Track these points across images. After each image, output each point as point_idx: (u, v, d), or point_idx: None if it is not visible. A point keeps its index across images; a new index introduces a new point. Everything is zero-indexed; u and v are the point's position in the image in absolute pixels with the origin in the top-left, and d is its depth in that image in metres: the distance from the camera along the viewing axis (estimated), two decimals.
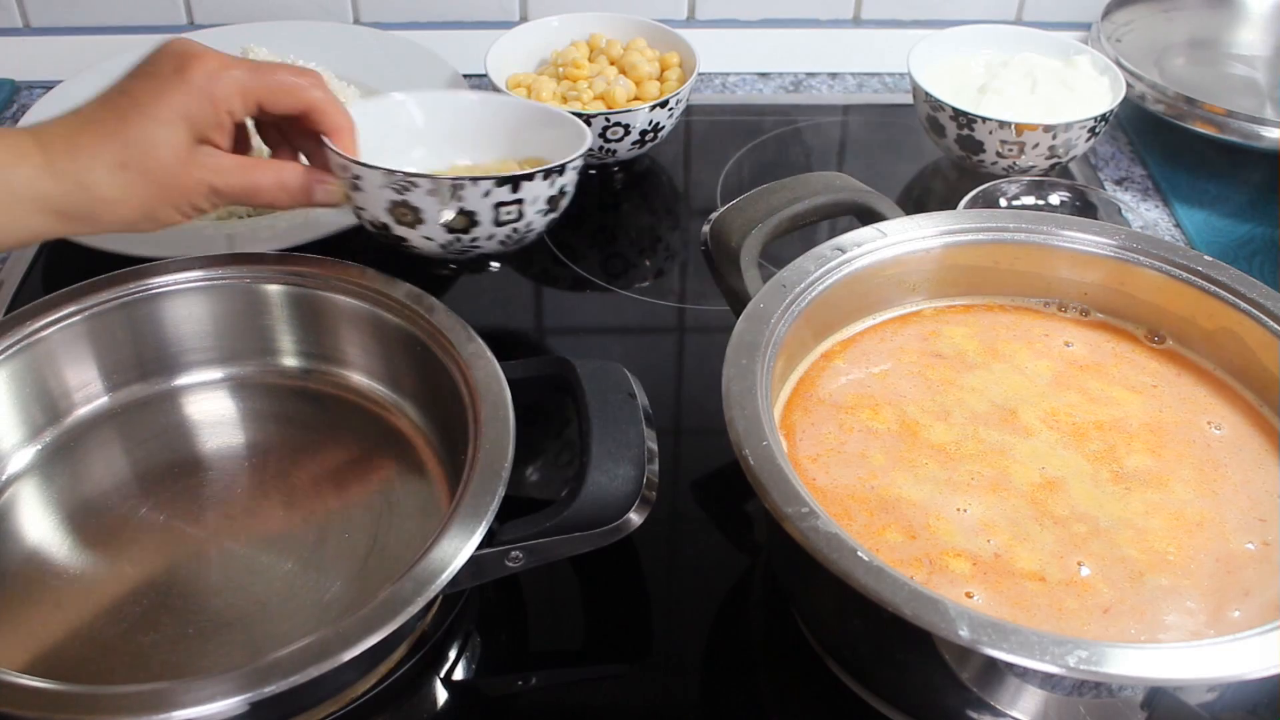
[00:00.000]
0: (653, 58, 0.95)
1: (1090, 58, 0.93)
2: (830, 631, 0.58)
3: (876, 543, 0.54)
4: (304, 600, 0.58)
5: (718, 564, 0.66)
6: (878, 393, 0.62)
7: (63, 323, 0.65)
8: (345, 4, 1.08)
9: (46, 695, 0.48)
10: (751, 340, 0.58)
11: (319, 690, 0.53)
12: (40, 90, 1.01)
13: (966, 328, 0.66)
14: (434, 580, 0.50)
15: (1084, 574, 0.53)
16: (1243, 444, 0.59)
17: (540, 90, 0.92)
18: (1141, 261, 0.64)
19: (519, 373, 0.62)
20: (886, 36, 1.10)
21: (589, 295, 0.84)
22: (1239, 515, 0.56)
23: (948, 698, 0.52)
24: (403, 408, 0.68)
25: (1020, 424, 0.60)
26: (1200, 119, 0.93)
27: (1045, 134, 0.87)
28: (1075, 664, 0.44)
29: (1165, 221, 0.92)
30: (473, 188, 0.67)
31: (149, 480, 0.64)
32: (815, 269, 0.62)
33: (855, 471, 0.57)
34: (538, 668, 0.61)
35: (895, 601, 0.46)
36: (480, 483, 0.55)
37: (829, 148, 1.01)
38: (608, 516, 0.56)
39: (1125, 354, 0.65)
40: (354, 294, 0.67)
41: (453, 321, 0.64)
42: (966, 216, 0.67)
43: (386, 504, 0.63)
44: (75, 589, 0.58)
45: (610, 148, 0.90)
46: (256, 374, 0.70)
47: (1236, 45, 1.06)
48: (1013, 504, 0.56)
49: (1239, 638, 0.46)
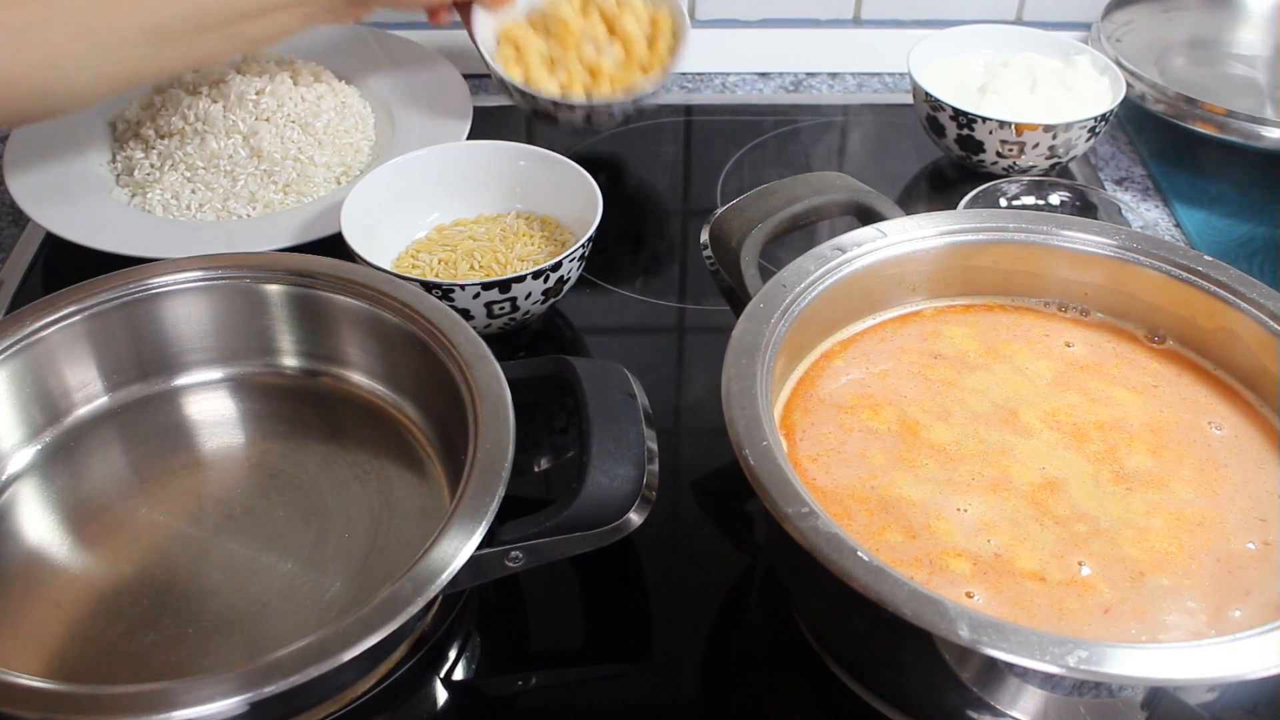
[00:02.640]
0: (645, 18, 0.91)
1: (1090, 58, 0.93)
2: (830, 631, 0.58)
3: (876, 543, 0.54)
4: (304, 600, 0.58)
5: (718, 564, 0.66)
6: (878, 393, 0.62)
7: (63, 323, 0.65)
8: None
9: (46, 695, 0.48)
10: (751, 340, 0.58)
11: (319, 690, 0.53)
12: None
13: (966, 328, 0.66)
14: (434, 580, 0.50)
15: (1084, 574, 0.53)
16: (1243, 444, 0.59)
17: (528, 50, 0.89)
18: (1141, 261, 0.64)
19: (519, 373, 0.62)
20: (886, 36, 1.10)
21: (589, 295, 0.84)
22: (1239, 515, 0.56)
23: (948, 698, 0.52)
24: (403, 408, 0.68)
25: (1021, 424, 0.60)
26: (1200, 119, 0.93)
27: (1045, 134, 0.87)
28: (1075, 664, 0.44)
29: (1165, 221, 0.92)
30: None
31: (149, 480, 0.64)
32: (815, 269, 0.62)
33: (855, 471, 0.57)
34: (538, 668, 0.61)
35: (895, 601, 0.46)
36: (480, 483, 0.55)
37: (829, 148, 1.01)
38: (608, 516, 0.56)
39: (1125, 354, 0.65)
40: (354, 294, 0.67)
41: (453, 321, 0.64)
42: (966, 216, 0.67)
43: (386, 504, 0.63)
44: (75, 589, 0.58)
45: (597, 127, 0.94)
46: (256, 374, 0.70)
47: (1236, 45, 1.06)
48: (1013, 504, 0.56)
49: (1239, 638, 0.46)
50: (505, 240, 0.80)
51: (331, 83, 0.94)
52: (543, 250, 0.80)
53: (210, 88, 0.89)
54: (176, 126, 0.88)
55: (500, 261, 0.78)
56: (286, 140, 0.87)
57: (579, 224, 0.80)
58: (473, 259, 0.78)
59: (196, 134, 0.87)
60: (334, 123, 0.90)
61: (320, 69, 0.94)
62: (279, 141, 0.87)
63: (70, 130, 0.90)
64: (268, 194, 0.86)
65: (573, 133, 1.00)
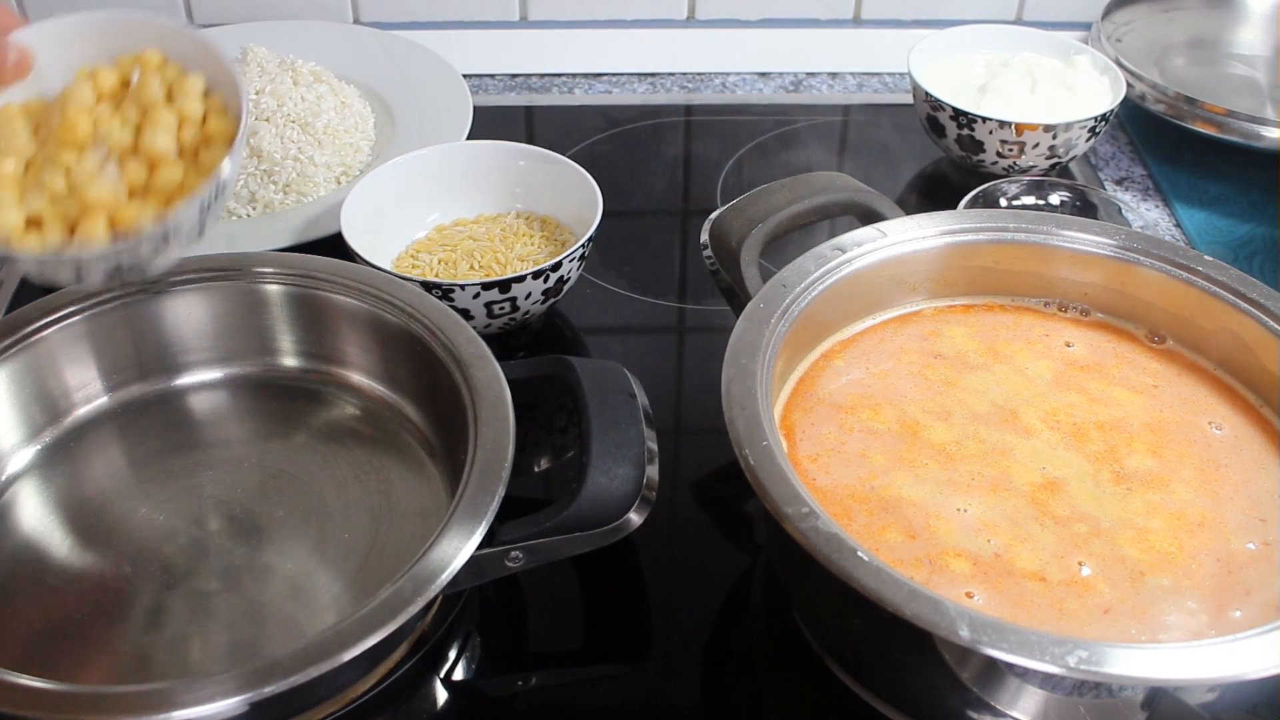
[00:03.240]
0: (194, 121, 0.58)
1: (1090, 58, 0.93)
2: (830, 631, 0.58)
3: (876, 543, 0.54)
4: (304, 600, 0.58)
5: (718, 564, 0.66)
6: (878, 393, 0.62)
7: (63, 323, 0.65)
8: (345, 4, 1.08)
9: (46, 695, 0.48)
10: (751, 340, 0.58)
11: (319, 690, 0.53)
12: None
13: (966, 328, 0.66)
14: (434, 580, 0.50)
15: (1084, 574, 0.53)
16: (1243, 444, 0.59)
17: None
18: (1142, 261, 0.64)
19: (519, 373, 0.62)
20: (886, 36, 1.10)
21: (589, 295, 0.84)
22: (1240, 515, 0.56)
23: (948, 698, 0.52)
24: (403, 408, 0.68)
25: (1021, 424, 0.60)
26: (1200, 119, 0.93)
27: (1045, 134, 0.87)
28: (1075, 664, 0.44)
29: (1165, 221, 0.92)
30: None
31: (149, 480, 0.64)
32: (815, 269, 0.62)
33: (855, 471, 0.57)
34: (538, 668, 0.61)
35: (895, 601, 0.46)
36: (480, 483, 0.55)
37: (829, 148, 1.01)
38: (608, 516, 0.56)
39: (1126, 354, 0.65)
40: (354, 294, 0.67)
41: (452, 321, 0.64)
42: (966, 216, 0.67)
43: (386, 504, 0.63)
44: (75, 589, 0.58)
45: None
46: (256, 374, 0.70)
47: (1236, 45, 1.06)
48: (1013, 504, 0.56)
49: (1239, 638, 0.46)
50: (505, 240, 0.80)
51: (331, 83, 0.94)
52: (543, 250, 0.80)
53: None
54: None
55: (500, 261, 0.78)
56: (286, 140, 0.87)
57: (579, 224, 0.80)
58: (473, 259, 0.78)
59: None
60: (334, 123, 0.90)
61: (320, 69, 0.94)
62: (279, 141, 0.87)
63: None
64: (267, 194, 0.86)
65: (568, 133, 1.00)
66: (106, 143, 0.56)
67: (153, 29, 0.59)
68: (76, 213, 0.55)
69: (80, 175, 0.56)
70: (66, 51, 0.58)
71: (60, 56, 0.58)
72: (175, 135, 0.57)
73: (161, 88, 0.58)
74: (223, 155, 0.56)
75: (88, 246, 0.54)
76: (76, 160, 0.56)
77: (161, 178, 0.57)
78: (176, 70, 0.59)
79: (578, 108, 1.05)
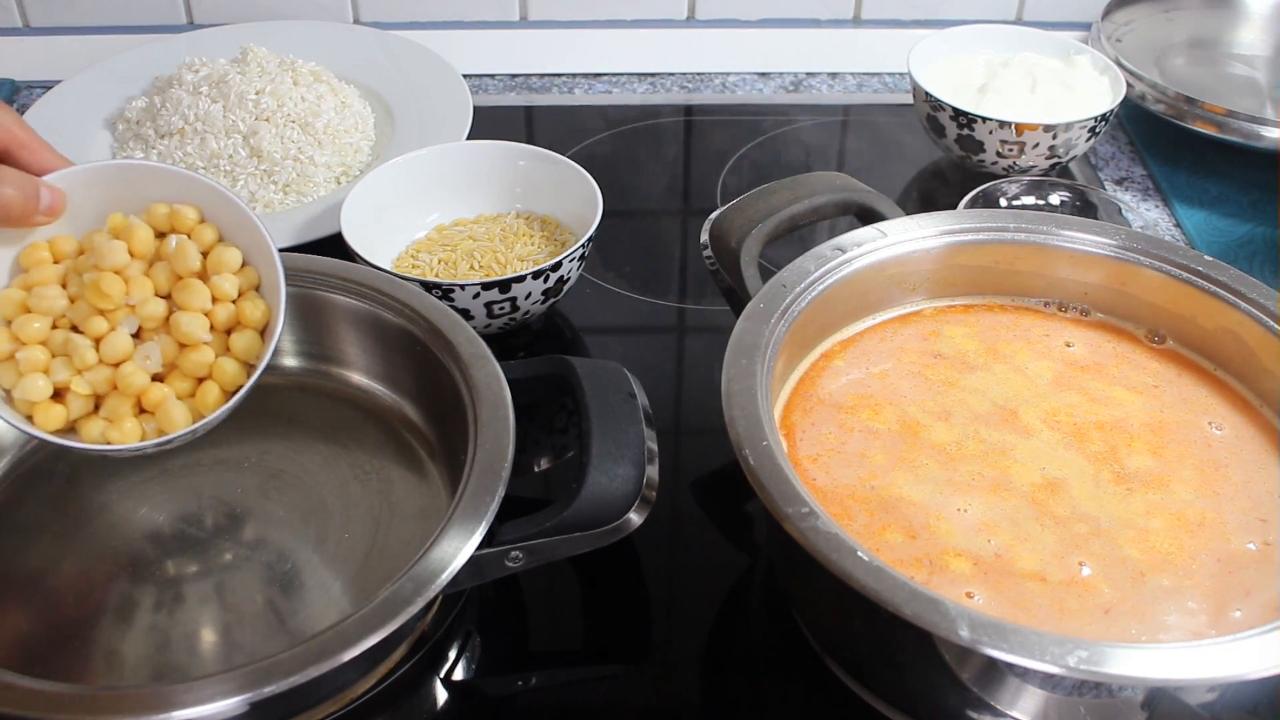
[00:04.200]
0: (230, 293, 0.57)
1: (1090, 58, 0.93)
2: (830, 631, 0.58)
3: (876, 543, 0.54)
4: (304, 600, 0.58)
5: (718, 564, 0.66)
6: (878, 393, 0.62)
7: None
8: (345, 4, 1.08)
9: (46, 695, 0.47)
10: (751, 340, 0.58)
11: (319, 690, 0.53)
12: (40, 90, 1.01)
13: (966, 328, 0.66)
14: (434, 580, 0.50)
15: (1085, 574, 0.53)
16: (1243, 444, 0.59)
17: (24, 327, 0.56)
18: (1141, 261, 0.64)
19: (519, 373, 0.62)
20: (886, 36, 1.10)
21: (589, 295, 0.84)
22: (1240, 515, 0.56)
23: (948, 698, 0.52)
24: (403, 408, 0.68)
25: (1021, 424, 0.60)
26: (1200, 119, 0.93)
27: (1045, 134, 0.87)
28: (1075, 664, 0.44)
29: (1165, 221, 0.92)
30: None
31: (149, 480, 0.64)
32: (815, 269, 0.62)
33: (855, 471, 0.57)
34: (538, 668, 0.61)
35: (895, 601, 0.46)
36: (480, 483, 0.55)
37: (829, 148, 1.01)
38: (608, 516, 0.56)
39: (1126, 354, 0.65)
40: (354, 294, 0.67)
41: (452, 321, 0.64)
42: (966, 216, 0.67)
43: (386, 504, 0.63)
44: (74, 589, 0.58)
45: None
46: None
47: (1236, 45, 1.06)
48: (1013, 504, 0.56)
49: (1239, 638, 0.46)
50: (505, 240, 0.80)
51: (331, 83, 0.94)
52: (543, 250, 0.80)
53: (210, 88, 0.89)
54: (176, 126, 0.88)
55: (500, 261, 0.78)
56: (286, 140, 0.87)
57: (579, 224, 0.80)
58: (473, 259, 0.78)
59: (196, 134, 0.87)
60: (334, 123, 0.90)
61: (320, 69, 0.94)
62: (279, 141, 0.87)
63: (71, 131, 0.90)
64: (267, 194, 0.86)
65: (568, 133, 1.00)
66: (138, 315, 0.56)
67: (190, 185, 0.58)
68: (104, 388, 0.56)
69: (111, 352, 0.55)
70: (99, 194, 0.58)
71: (92, 198, 0.58)
72: (208, 314, 0.57)
73: (198, 256, 0.57)
74: (257, 347, 0.57)
75: (115, 443, 0.56)
76: (106, 327, 0.56)
77: (191, 360, 0.56)
78: (213, 233, 0.58)
79: (578, 108, 1.05)
